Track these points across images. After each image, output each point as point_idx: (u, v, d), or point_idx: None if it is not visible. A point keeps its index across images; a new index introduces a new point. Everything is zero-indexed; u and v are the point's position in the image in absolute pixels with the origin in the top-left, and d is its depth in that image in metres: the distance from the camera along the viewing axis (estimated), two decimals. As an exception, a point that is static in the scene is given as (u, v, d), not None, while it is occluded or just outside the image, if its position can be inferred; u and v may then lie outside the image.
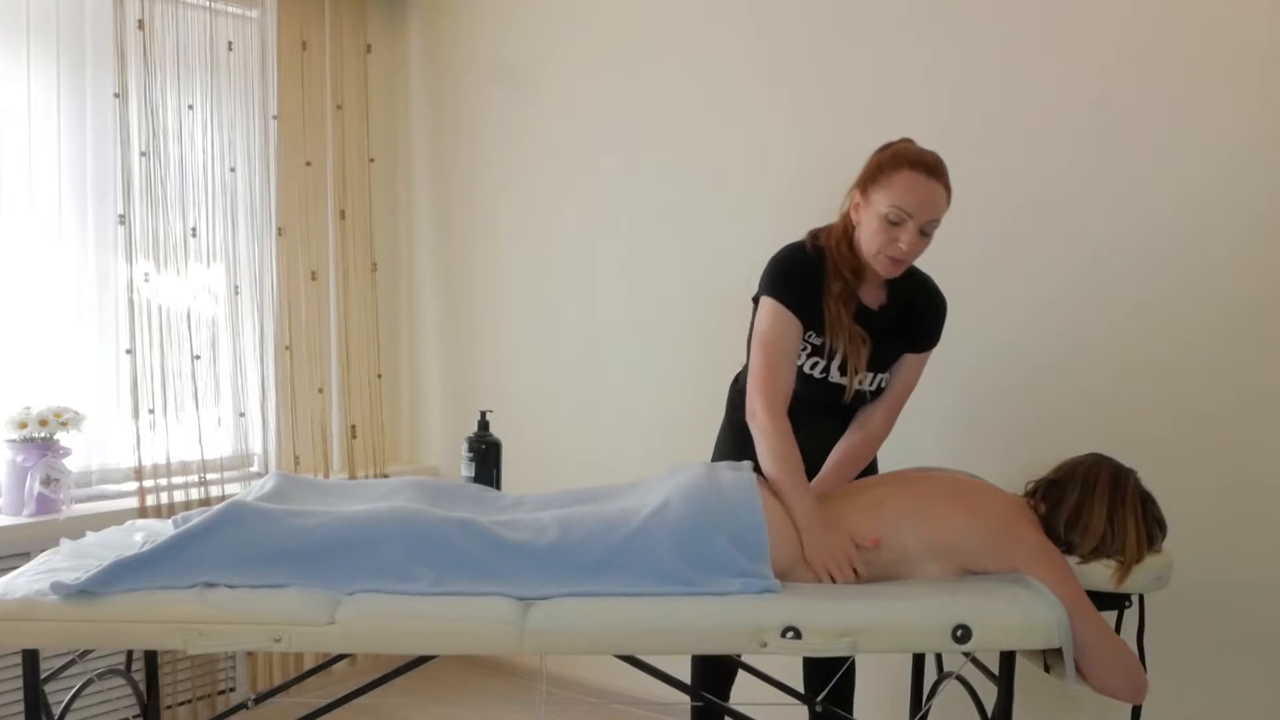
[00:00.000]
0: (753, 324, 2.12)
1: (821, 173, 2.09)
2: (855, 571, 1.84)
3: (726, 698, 2.32)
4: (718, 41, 2.97)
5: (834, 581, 1.83)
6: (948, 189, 1.94)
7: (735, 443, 2.21)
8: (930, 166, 1.92)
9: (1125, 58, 2.33)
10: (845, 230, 2.02)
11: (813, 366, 2.06)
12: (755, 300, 2.11)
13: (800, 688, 2.31)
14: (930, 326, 2.13)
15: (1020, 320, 2.50)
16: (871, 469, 2.24)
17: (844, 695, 2.29)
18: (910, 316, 2.09)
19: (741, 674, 2.29)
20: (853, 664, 2.22)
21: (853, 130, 2.13)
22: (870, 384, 2.09)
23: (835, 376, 2.06)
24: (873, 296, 2.07)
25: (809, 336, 2.04)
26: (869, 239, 1.97)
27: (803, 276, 2.01)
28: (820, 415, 2.12)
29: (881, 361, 2.08)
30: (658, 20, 3.09)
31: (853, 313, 2.01)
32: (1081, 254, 2.41)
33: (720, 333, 2.23)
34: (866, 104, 2.69)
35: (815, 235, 2.08)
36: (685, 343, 3.04)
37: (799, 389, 2.05)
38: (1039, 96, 2.45)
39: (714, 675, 2.31)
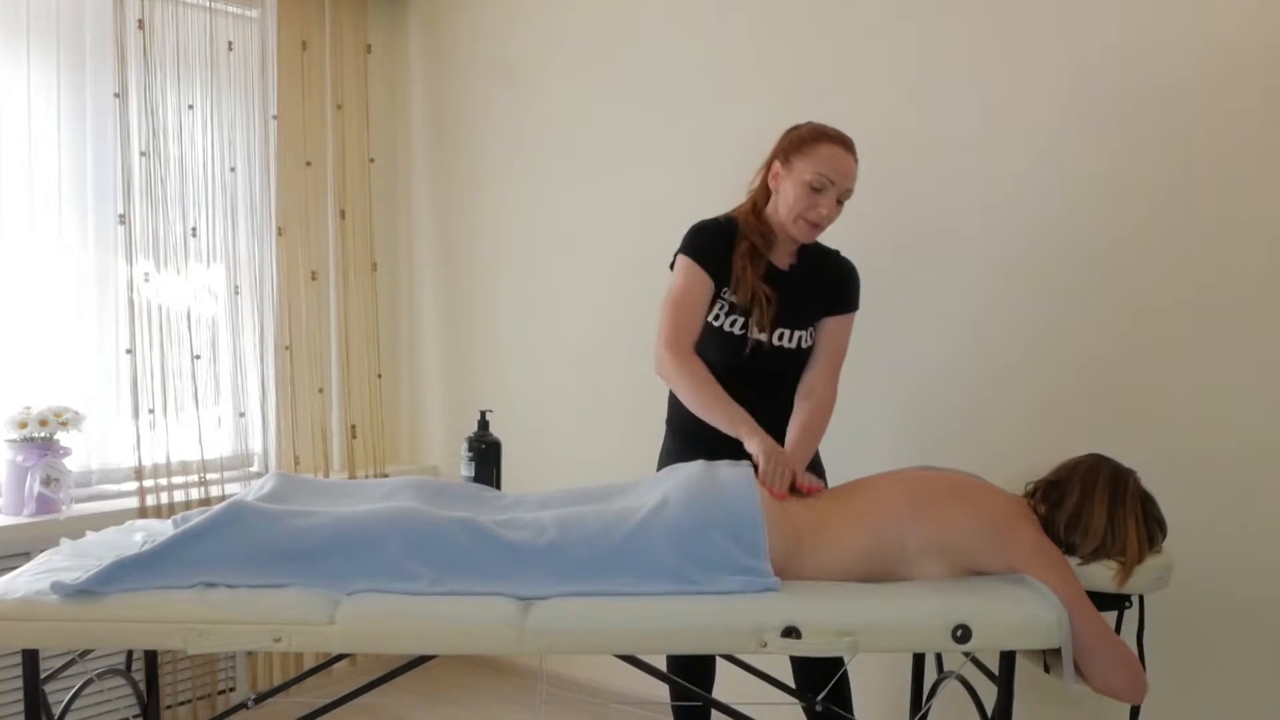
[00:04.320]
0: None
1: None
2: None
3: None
4: (718, 42, 2.97)
5: (769, 491, 1.90)
6: (857, 165, 2.12)
7: (678, 456, 2.21)
8: (847, 143, 2.11)
9: (1106, 59, 2.34)
10: (754, 204, 2.19)
11: (732, 324, 2.15)
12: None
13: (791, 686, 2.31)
14: (843, 288, 2.25)
15: (1009, 321, 2.51)
16: (816, 466, 2.23)
17: (840, 695, 2.29)
18: (821, 278, 2.22)
19: (737, 671, 2.29)
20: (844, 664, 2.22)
21: (854, 132, 2.14)
22: (791, 341, 2.18)
23: (754, 333, 2.16)
24: (782, 258, 2.21)
25: (725, 294, 2.16)
26: (790, 204, 2.11)
27: (716, 238, 2.17)
28: (757, 398, 2.14)
29: (798, 318, 2.18)
30: (658, 21, 3.09)
31: (760, 272, 2.14)
32: (1075, 253, 2.41)
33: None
34: (868, 103, 2.69)
35: (727, 214, 2.23)
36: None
37: (728, 361, 2.15)
38: (1035, 96, 2.45)
39: (689, 677, 2.30)
